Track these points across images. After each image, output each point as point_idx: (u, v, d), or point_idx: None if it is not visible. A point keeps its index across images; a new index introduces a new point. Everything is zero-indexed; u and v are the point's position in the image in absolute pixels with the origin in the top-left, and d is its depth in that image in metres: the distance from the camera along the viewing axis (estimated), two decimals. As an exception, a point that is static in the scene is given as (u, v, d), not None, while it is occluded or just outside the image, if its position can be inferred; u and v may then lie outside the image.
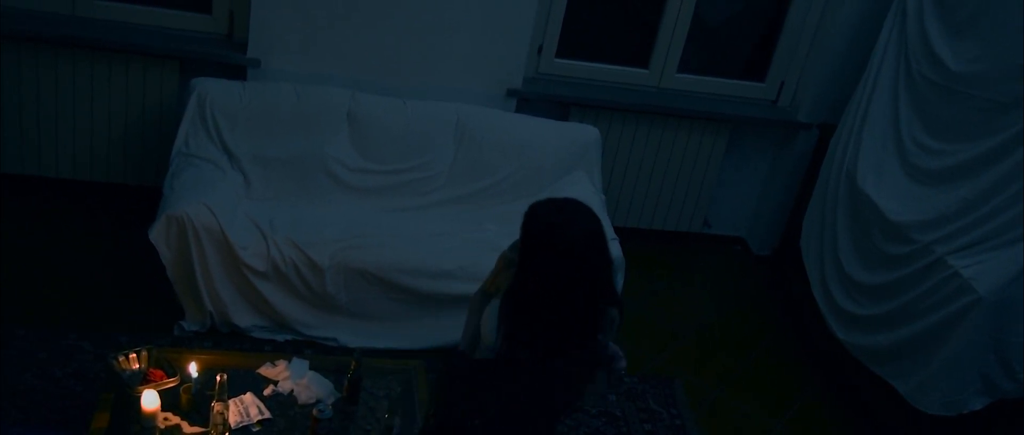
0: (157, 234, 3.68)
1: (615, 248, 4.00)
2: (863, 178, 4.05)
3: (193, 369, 3.03)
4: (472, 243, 4.02)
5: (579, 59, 4.85)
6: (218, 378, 2.87)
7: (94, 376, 3.55)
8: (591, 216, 2.37)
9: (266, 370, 3.25)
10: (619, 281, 4.02)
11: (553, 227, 2.35)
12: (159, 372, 3.07)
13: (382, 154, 4.33)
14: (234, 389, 3.06)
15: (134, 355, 3.12)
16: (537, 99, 4.72)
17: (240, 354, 3.52)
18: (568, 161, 4.47)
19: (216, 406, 2.87)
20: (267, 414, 3.05)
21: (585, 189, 4.35)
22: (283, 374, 3.23)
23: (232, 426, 2.96)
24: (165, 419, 2.95)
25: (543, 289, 2.35)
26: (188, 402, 3.01)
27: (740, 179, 5.24)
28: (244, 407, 3.05)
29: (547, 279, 2.35)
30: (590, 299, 2.41)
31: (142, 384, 3.00)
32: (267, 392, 3.15)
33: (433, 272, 3.90)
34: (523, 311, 2.39)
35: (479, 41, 4.49)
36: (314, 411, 2.92)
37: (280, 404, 3.11)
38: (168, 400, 2.99)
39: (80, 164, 4.51)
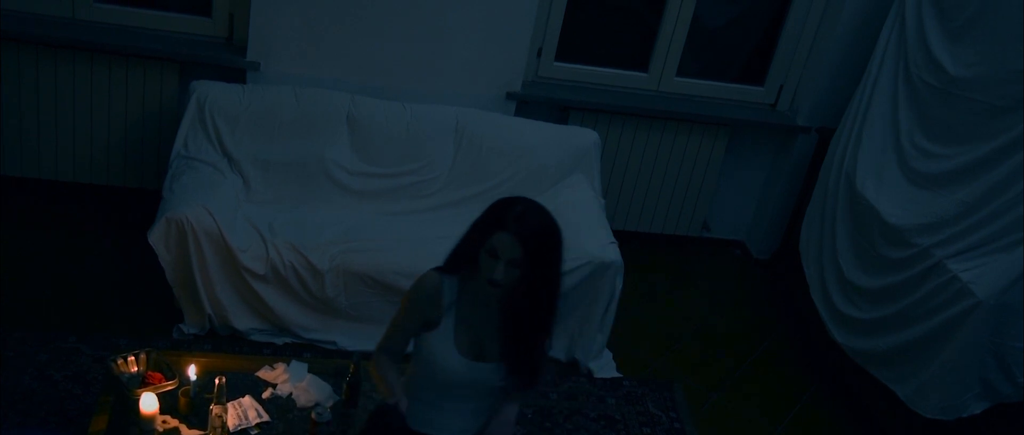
0: (156, 237, 3.68)
1: (614, 251, 4.01)
2: (862, 182, 4.05)
3: (192, 372, 3.03)
4: (471, 246, 4.02)
5: (578, 62, 4.86)
6: (217, 381, 2.87)
7: (93, 379, 3.55)
8: None
9: (265, 373, 3.25)
10: (618, 284, 4.03)
11: (556, 224, 2.32)
12: (158, 375, 3.06)
13: (382, 157, 4.33)
14: (233, 392, 3.06)
15: (133, 358, 3.12)
16: (536, 102, 4.72)
17: (239, 357, 3.52)
18: (567, 164, 4.47)
19: (215, 409, 2.87)
20: (266, 417, 3.04)
21: (584, 193, 4.35)
22: (282, 377, 3.23)
23: (231, 429, 2.95)
24: (164, 422, 2.94)
25: (551, 291, 2.33)
26: (187, 405, 3.00)
27: (739, 183, 5.24)
28: (243, 410, 3.04)
29: (554, 281, 2.32)
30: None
31: (141, 387, 3.00)
32: (266, 395, 3.15)
33: (432, 275, 3.89)
34: (530, 317, 2.35)
35: (478, 44, 4.49)
36: (313, 414, 2.92)
37: (279, 407, 3.11)
38: (167, 403, 2.98)
39: (80, 167, 4.51)
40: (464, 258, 2.36)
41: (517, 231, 2.24)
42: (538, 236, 2.27)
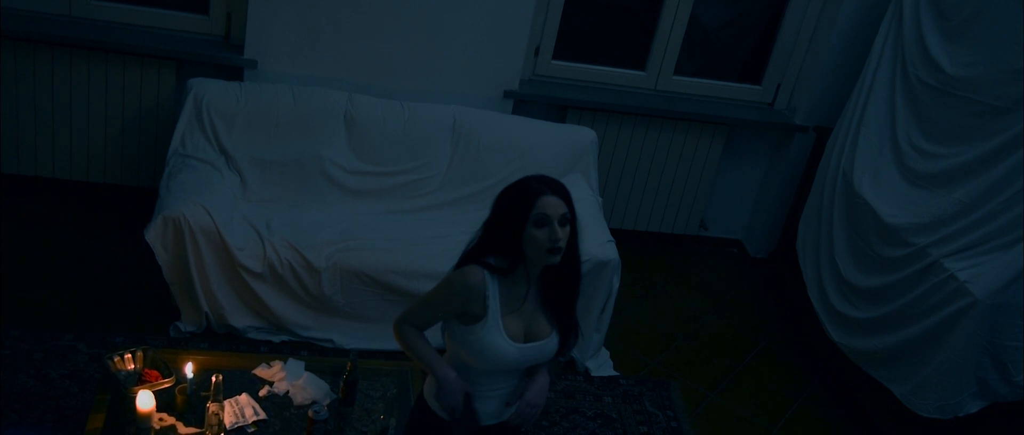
0: (153, 235, 3.68)
1: (611, 250, 4.01)
2: (859, 181, 4.05)
3: (189, 370, 3.03)
4: (469, 245, 4.01)
5: (576, 61, 4.86)
6: (214, 379, 2.87)
7: (90, 377, 3.55)
8: None
9: (262, 371, 3.25)
10: (615, 283, 4.03)
11: None
12: (154, 373, 3.06)
13: (379, 156, 4.33)
14: (230, 390, 3.06)
15: (129, 356, 3.12)
16: (534, 101, 4.72)
17: (236, 355, 3.52)
18: (565, 163, 4.47)
19: (211, 407, 2.87)
20: (262, 415, 3.05)
21: (582, 191, 4.34)
22: (279, 375, 3.23)
23: (227, 427, 2.95)
24: (160, 420, 2.94)
25: (577, 242, 2.41)
26: (183, 403, 3.00)
27: (736, 182, 5.24)
28: (239, 408, 3.04)
29: (576, 231, 2.41)
30: None
31: (137, 385, 3.00)
32: (263, 393, 3.15)
33: (429, 274, 3.88)
34: (571, 274, 2.46)
35: (476, 43, 4.49)
36: (310, 412, 2.92)
37: (276, 405, 3.11)
38: (163, 401, 2.98)
39: (77, 165, 4.51)
40: (510, 251, 2.38)
41: (554, 189, 2.34)
42: (566, 188, 2.37)
